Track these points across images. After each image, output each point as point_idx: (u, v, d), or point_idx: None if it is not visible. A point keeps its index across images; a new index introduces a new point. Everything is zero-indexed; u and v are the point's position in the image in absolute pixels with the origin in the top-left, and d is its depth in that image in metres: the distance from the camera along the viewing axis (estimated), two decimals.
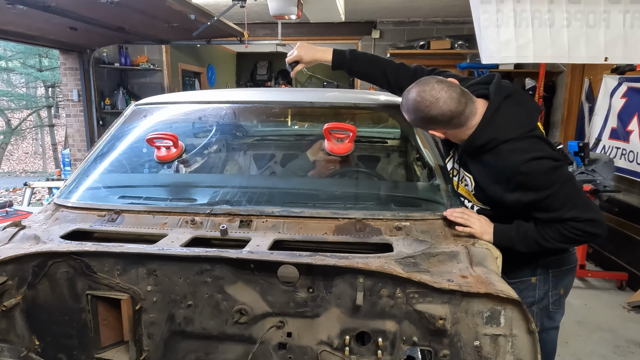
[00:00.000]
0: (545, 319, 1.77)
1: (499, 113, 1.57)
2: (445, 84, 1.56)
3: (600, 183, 3.96)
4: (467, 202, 1.82)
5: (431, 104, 1.54)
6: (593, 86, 4.96)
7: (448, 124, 1.58)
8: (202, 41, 6.22)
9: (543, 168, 1.51)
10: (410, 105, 1.60)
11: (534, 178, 1.51)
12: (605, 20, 2.87)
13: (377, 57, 1.95)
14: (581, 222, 1.51)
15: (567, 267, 1.77)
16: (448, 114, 1.55)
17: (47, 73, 12.03)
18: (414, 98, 1.58)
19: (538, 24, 2.92)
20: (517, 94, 1.64)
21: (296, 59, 1.96)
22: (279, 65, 11.49)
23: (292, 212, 1.68)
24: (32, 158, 17.16)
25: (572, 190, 1.53)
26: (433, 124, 1.61)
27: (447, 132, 1.64)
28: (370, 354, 1.34)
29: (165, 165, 2.19)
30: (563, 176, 1.53)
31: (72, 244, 1.49)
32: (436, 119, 1.56)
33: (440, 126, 1.60)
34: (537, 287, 1.73)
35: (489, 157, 1.59)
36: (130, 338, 1.45)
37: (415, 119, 1.63)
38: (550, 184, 1.51)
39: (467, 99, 1.58)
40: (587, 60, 3.00)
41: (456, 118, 1.56)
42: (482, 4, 2.93)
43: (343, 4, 5.05)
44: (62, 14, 3.95)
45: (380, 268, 1.29)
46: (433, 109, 1.55)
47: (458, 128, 1.60)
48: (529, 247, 1.59)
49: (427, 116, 1.57)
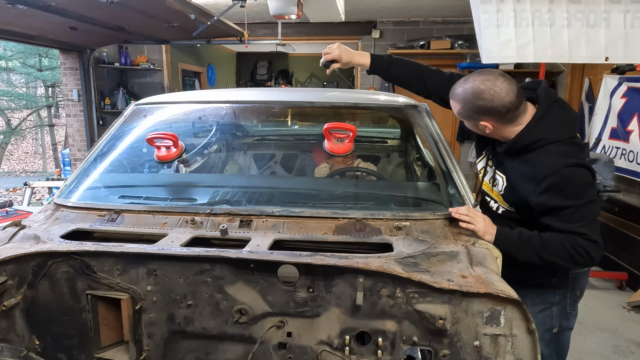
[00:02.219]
0: (563, 319, 1.79)
1: (549, 115, 1.62)
2: (507, 78, 1.60)
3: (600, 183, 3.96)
4: (492, 203, 1.82)
5: (495, 93, 1.57)
6: (593, 86, 4.96)
7: (503, 116, 1.60)
8: (202, 41, 6.22)
9: (582, 178, 1.55)
10: (469, 94, 1.61)
11: (568, 185, 1.54)
12: (605, 20, 2.87)
13: (414, 62, 1.98)
14: (588, 241, 1.53)
15: (584, 270, 1.81)
16: (507, 105, 1.57)
17: (47, 73, 12.03)
18: (477, 86, 1.59)
19: (538, 23, 2.92)
20: (562, 101, 1.70)
21: (335, 57, 1.96)
22: (279, 65, 11.49)
23: (292, 212, 1.68)
24: (32, 158, 17.16)
25: (593, 211, 1.57)
26: (488, 115, 1.61)
27: (496, 127, 1.64)
28: (370, 353, 1.34)
29: (165, 165, 2.19)
30: (592, 194, 1.57)
31: (72, 243, 1.49)
32: (495, 109, 1.58)
33: (495, 118, 1.61)
34: (557, 287, 1.76)
35: (532, 155, 1.61)
36: (130, 338, 1.45)
37: (470, 108, 1.63)
38: (580, 196, 1.54)
39: (523, 97, 1.62)
40: (587, 60, 3.00)
41: (511, 112, 1.59)
42: (482, 4, 2.93)
43: (343, 3, 5.05)
44: (62, 14, 3.95)
45: (380, 268, 1.29)
46: (496, 99, 1.57)
47: (509, 123, 1.63)
48: (527, 255, 1.59)
49: (487, 105, 1.58)
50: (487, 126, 1.64)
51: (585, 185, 1.56)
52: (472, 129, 1.74)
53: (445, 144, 2.01)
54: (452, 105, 1.72)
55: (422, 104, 2.31)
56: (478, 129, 1.70)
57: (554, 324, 1.75)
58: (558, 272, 1.74)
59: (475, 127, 1.70)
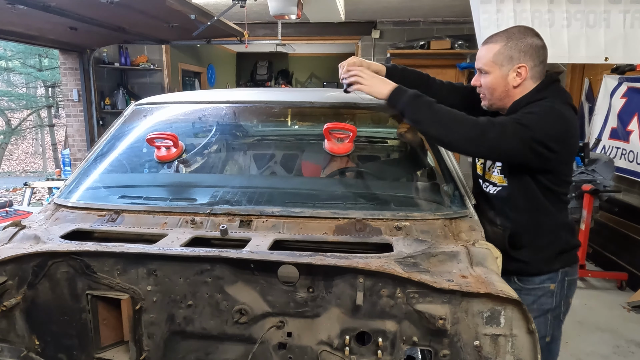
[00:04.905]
0: (556, 328, 1.76)
1: (550, 88, 1.65)
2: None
3: (600, 183, 3.97)
4: (485, 186, 1.79)
5: (538, 36, 1.63)
6: (593, 86, 4.96)
7: (539, 64, 1.63)
8: (202, 41, 6.22)
9: (560, 121, 1.54)
10: (518, 31, 1.64)
11: (544, 113, 1.55)
12: (605, 20, 2.88)
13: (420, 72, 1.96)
14: (517, 124, 1.52)
15: (576, 276, 1.81)
16: (545, 53, 1.64)
17: (47, 73, 12.03)
18: (525, 27, 1.66)
19: (538, 24, 2.92)
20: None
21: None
22: (279, 65, 11.49)
23: (292, 212, 1.68)
24: (32, 158, 17.15)
25: (518, 129, 1.52)
26: (531, 56, 1.62)
27: (526, 77, 1.63)
28: (370, 354, 1.34)
29: (165, 165, 2.19)
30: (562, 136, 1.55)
31: (72, 243, 1.49)
32: (540, 51, 1.62)
33: (534, 62, 1.62)
34: (554, 294, 1.72)
35: (524, 108, 1.62)
36: (130, 338, 1.45)
37: (516, 45, 1.62)
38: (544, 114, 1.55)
39: (546, 62, 1.67)
40: (587, 60, 3.01)
41: (543, 65, 1.64)
42: (482, 4, 2.93)
43: (343, 4, 5.05)
44: (62, 14, 3.95)
45: (380, 268, 1.29)
46: (539, 41, 1.62)
47: (534, 77, 1.64)
48: (417, 115, 1.60)
49: (536, 43, 1.61)
50: (522, 73, 1.62)
51: (560, 126, 1.55)
52: (496, 83, 1.66)
53: None
54: (484, 51, 1.68)
55: None
56: (507, 80, 1.65)
57: (547, 332, 1.71)
58: (556, 278, 1.70)
59: (504, 78, 1.65)
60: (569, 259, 1.73)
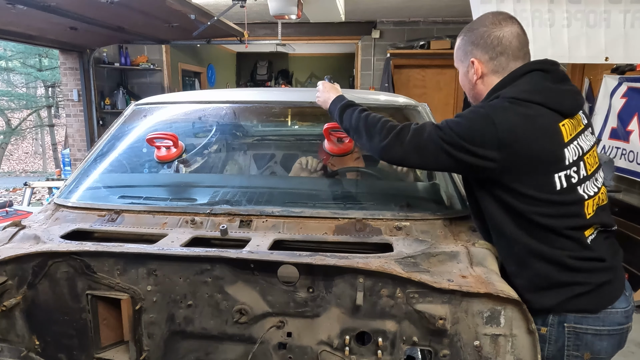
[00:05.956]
0: None
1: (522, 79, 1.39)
2: (519, 25, 1.44)
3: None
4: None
5: (499, 26, 1.41)
6: (593, 86, 4.95)
7: (495, 57, 1.41)
8: (202, 41, 6.22)
9: (482, 119, 1.32)
10: (473, 22, 1.49)
11: (463, 113, 1.39)
12: (605, 20, 2.88)
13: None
14: (436, 128, 1.37)
15: (601, 328, 1.35)
16: (505, 44, 1.40)
17: (47, 73, 12.03)
18: (485, 15, 1.47)
19: (538, 23, 2.92)
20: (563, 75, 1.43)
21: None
22: (279, 65, 11.50)
23: (292, 212, 1.68)
24: (32, 158, 17.16)
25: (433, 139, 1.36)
26: (482, 49, 1.43)
27: (484, 72, 1.45)
28: (370, 354, 1.34)
29: (165, 165, 2.19)
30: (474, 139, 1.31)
31: (72, 243, 1.50)
32: (491, 42, 1.41)
33: (487, 56, 1.42)
34: (547, 341, 1.36)
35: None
36: (130, 338, 1.45)
37: (468, 39, 1.47)
38: (463, 116, 1.37)
39: (527, 56, 1.44)
40: (587, 60, 3.01)
41: (505, 57, 1.41)
42: (482, 4, 2.93)
43: (343, 4, 5.05)
44: (62, 14, 3.95)
45: (380, 268, 1.29)
46: (496, 30, 1.41)
47: (496, 71, 1.43)
48: (344, 123, 1.61)
49: (486, 33, 1.42)
50: (477, 69, 1.45)
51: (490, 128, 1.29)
52: (461, 80, 1.55)
53: None
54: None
55: (422, 104, 2.31)
56: (468, 76, 1.50)
57: None
58: (548, 320, 1.35)
59: (465, 75, 1.51)
60: (568, 304, 1.33)
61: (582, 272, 1.34)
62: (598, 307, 1.35)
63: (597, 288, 1.34)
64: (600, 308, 1.35)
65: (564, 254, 1.33)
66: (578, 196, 1.35)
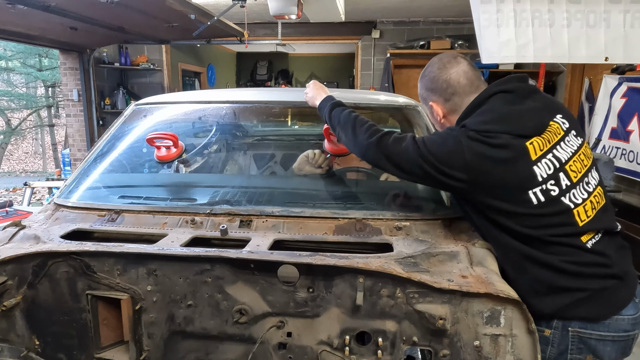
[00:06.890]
0: None
1: (487, 105, 1.42)
2: (465, 62, 1.49)
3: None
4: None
5: (444, 69, 1.48)
6: (593, 86, 4.96)
7: (449, 99, 1.48)
8: (202, 41, 6.22)
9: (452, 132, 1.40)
10: (424, 70, 1.55)
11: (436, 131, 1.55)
12: (605, 20, 2.87)
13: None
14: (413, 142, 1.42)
15: (606, 334, 1.33)
16: (454, 85, 1.46)
17: (47, 73, 12.03)
18: (432, 62, 1.53)
19: (538, 23, 2.92)
20: (527, 92, 1.44)
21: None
22: (279, 65, 11.49)
23: (292, 212, 1.68)
24: (32, 158, 17.16)
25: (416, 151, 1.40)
26: (436, 94, 1.51)
27: (445, 113, 1.52)
28: (370, 354, 1.34)
29: (165, 165, 2.19)
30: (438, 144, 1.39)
31: (72, 243, 1.50)
32: (440, 87, 1.48)
33: (442, 99, 1.50)
34: (550, 343, 1.36)
35: None
36: (130, 338, 1.45)
37: (423, 85, 1.56)
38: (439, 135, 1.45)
39: (480, 85, 1.48)
40: (587, 60, 3.00)
41: (458, 97, 1.47)
42: (482, 4, 2.93)
43: (343, 4, 5.05)
44: (62, 14, 3.95)
45: (380, 268, 1.29)
46: (442, 75, 1.47)
47: (455, 110, 1.49)
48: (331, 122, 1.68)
49: (434, 79, 1.49)
50: (437, 111, 1.53)
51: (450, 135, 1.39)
52: (431, 119, 1.63)
53: None
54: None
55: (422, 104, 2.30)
56: (433, 117, 1.58)
57: None
58: (553, 323, 1.35)
59: (432, 115, 1.59)
60: (569, 311, 1.33)
61: (582, 277, 1.32)
62: (601, 316, 1.33)
63: (600, 294, 1.32)
64: (604, 317, 1.33)
65: (560, 259, 1.32)
66: (563, 206, 1.34)
